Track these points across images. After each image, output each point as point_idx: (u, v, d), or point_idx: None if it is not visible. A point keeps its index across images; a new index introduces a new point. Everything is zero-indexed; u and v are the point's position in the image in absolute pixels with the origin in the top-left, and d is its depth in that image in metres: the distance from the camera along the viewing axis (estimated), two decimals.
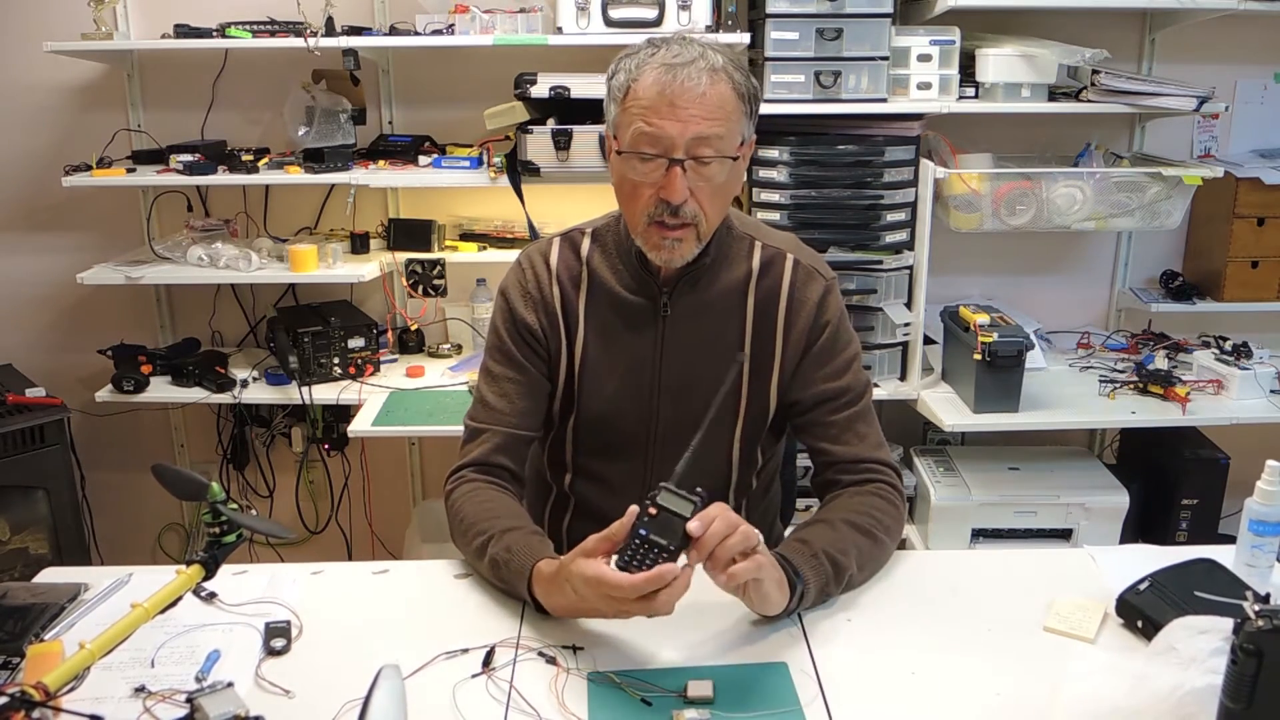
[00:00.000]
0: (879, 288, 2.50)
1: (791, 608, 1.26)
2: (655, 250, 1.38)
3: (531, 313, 1.48)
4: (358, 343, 2.60)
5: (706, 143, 1.31)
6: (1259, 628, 0.93)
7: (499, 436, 1.48)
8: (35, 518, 2.56)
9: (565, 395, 1.51)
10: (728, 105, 1.32)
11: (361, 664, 1.14)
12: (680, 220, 1.34)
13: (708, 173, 1.33)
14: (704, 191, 1.34)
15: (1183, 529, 2.62)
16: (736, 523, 1.17)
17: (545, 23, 2.45)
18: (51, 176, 2.57)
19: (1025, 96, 2.44)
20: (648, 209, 1.35)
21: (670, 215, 1.34)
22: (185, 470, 1.16)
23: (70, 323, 2.95)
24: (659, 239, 1.36)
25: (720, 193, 1.37)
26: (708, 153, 1.32)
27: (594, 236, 1.51)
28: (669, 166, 1.31)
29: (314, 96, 2.59)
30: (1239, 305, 2.70)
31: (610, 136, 1.40)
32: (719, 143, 1.32)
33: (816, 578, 1.28)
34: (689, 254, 1.39)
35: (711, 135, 1.31)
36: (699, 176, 1.33)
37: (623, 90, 1.34)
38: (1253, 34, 2.71)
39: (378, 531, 3.06)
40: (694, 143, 1.31)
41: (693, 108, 1.29)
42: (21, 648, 1.21)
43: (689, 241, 1.37)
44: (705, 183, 1.34)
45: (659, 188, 1.33)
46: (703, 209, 1.35)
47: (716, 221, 1.40)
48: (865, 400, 1.49)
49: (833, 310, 1.48)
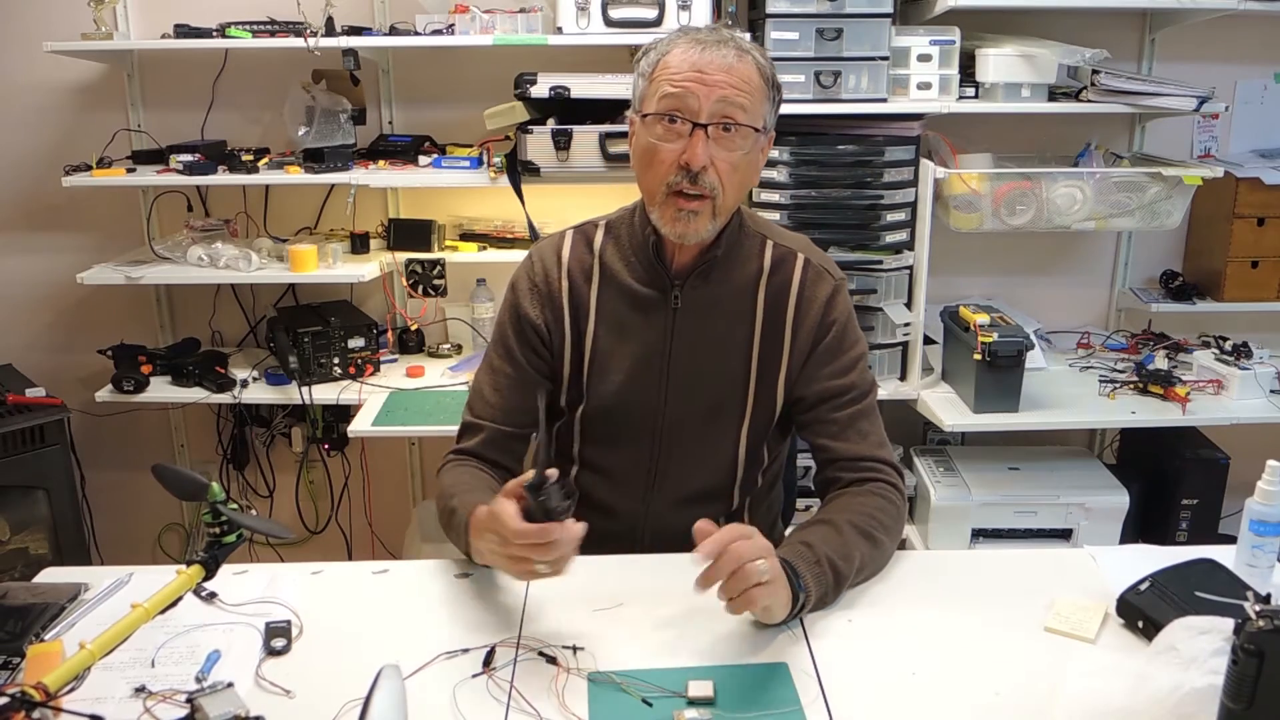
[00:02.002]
0: (879, 288, 2.50)
1: (791, 616, 1.26)
2: (672, 223, 1.38)
3: (536, 307, 1.50)
4: (358, 343, 2.60)
5: (731, 111, 1.33)
6: (1260, 628, 0.93)
7: (489, 433, 1.51)
8: (35, 518, 2.56)
9: (574, 386, 1.52)
10: (753, 83, 1.35)
11: (361, 664, 1.14)
12: (699, 190, 1.35)
13: (729, 143, 1.35)
14: (724, 165, 1.35)
15: (1183, 529, 2.62)
16: (754, 552, 1.16)
17: (545, 23, 2.45)
18: (51, 176, 2.57)
19: (1025, 96, 2.44)
20: (667, 178, 1.36)
21: (689, 183, 1.35)
22: (185, 470, 1.16)
23: (70, 323, 2.95)
24: (676, 210, 1.37)
25: (738, 172, 1.38)
26: (735, 116, 1.33)
27: (608, 228, 1.52)
28: (692, 131, 1.33)
29: (314, 96, 2.59)
30: (1239, 305, 2.70)
31: (634, 114, 1.42)
32: (742, 114, 1.34)
33: (818, 587, 1.28)
34: (704, 230, 1.39)
35: (737, 104, 1.33)
36: (720, 147, 1.34)
37: (652, 65, 1.38)
38: (1253, 34, 2.71)
39: (378, 531, 3.06)
40: (719, 108, 1.33)
41: (720, 75, 1.33)
42: (21, 648, 1.21)
43: (705, 215, 1.37)
44: (726, 154, 1.35)
45: (680, 154, 1.34)
46: (721, 183, 1.36)
47: (733, 203, 1.41)
48: (869, 399, 1.50)
49: (840, 310, 1.48)
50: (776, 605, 1.21)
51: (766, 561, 1.17)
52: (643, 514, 1.53)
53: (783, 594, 1.21)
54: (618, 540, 1.51)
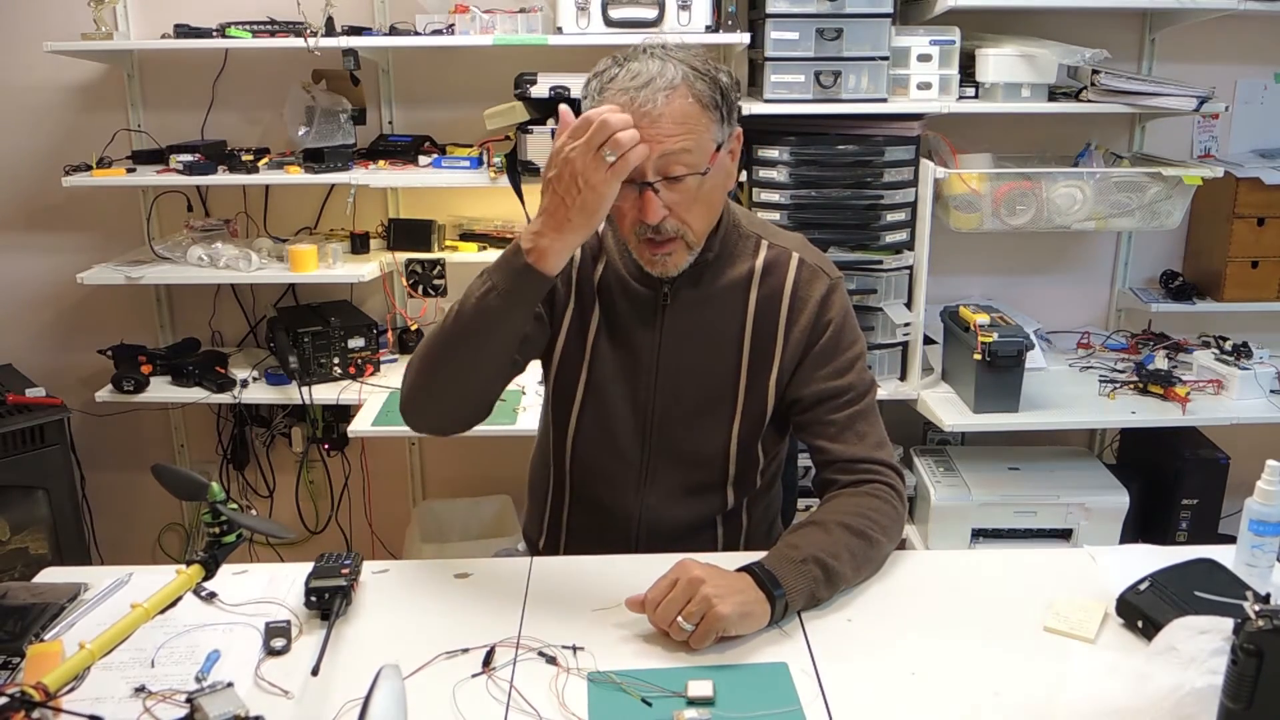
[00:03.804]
0: (879, 288, 2.50)
1: (777, 619, 1.27)
2: (650, 266, 1.41)
3: None
4: (358, 343, 2.61)
5: (673, 161, 1.32)
6: (1259, 628, 0.93)
7: None
8: (35, 518, 2.56)
9: (572, 366, 1.51)
10: (690, 119, 1.32)
11: (361, 664, 1.14)
12: (665, 236, 1.37)
13: (682, 189, 1.35)
14: (681, 206, 1.36)
15: (1183, 529, 2.62)
16: (671, 612, 1.21)
17: (545, 23, 2.45)
18: (51, 176, 2.57)
19: (1025, 96, 2.44)
20: (633, 229, 1.38)
21: (654, 233, 1.36)
22: (185, 470, 1.16)
23: (70, 323, 2.95)
24: (650, 256, 1.40)
25: (701, 201, 1.38)
26: (677, 170, 1.33)
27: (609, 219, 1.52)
28: (641, 191, 1.33)
29: (314, 96, 2.59)
30: (1239, 305, 2.70)
31: None
32: (686, 157, 1.33)
33: (802, 584, 1.28)
34: (682, 264, 1.41)
35: (676, 151, 1.31)
36: (673, 193, 1.34)
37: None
38: (1253, 34, 2.71)
39: (378, 531, 3.05)
40: (661, 164, 1.32)
41: (654, 127, 1.29)
42: (21, 648, 1.21)
43: (679, 253, 1.40)
44: (680, 197, 1.35)
45: (637, 209, 1.35)
46: (685, 222, 1.37)
47: (705, 228, 1.41)
48: (867, 400, 1.49)
49: (836, 309, 1.48)
50: (739, 621, 1.23)
51: (695, 607, 1.20)
52: (637, 511, 1.53)
53: (755, 611, 1.24)
54: (613, 538, 1.52)
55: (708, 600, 1.20)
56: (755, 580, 1.26)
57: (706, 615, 1.20)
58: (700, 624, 1.21)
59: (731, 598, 1.22)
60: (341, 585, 1.29)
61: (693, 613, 1.20)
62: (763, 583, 1.26)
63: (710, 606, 1.20)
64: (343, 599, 1.29)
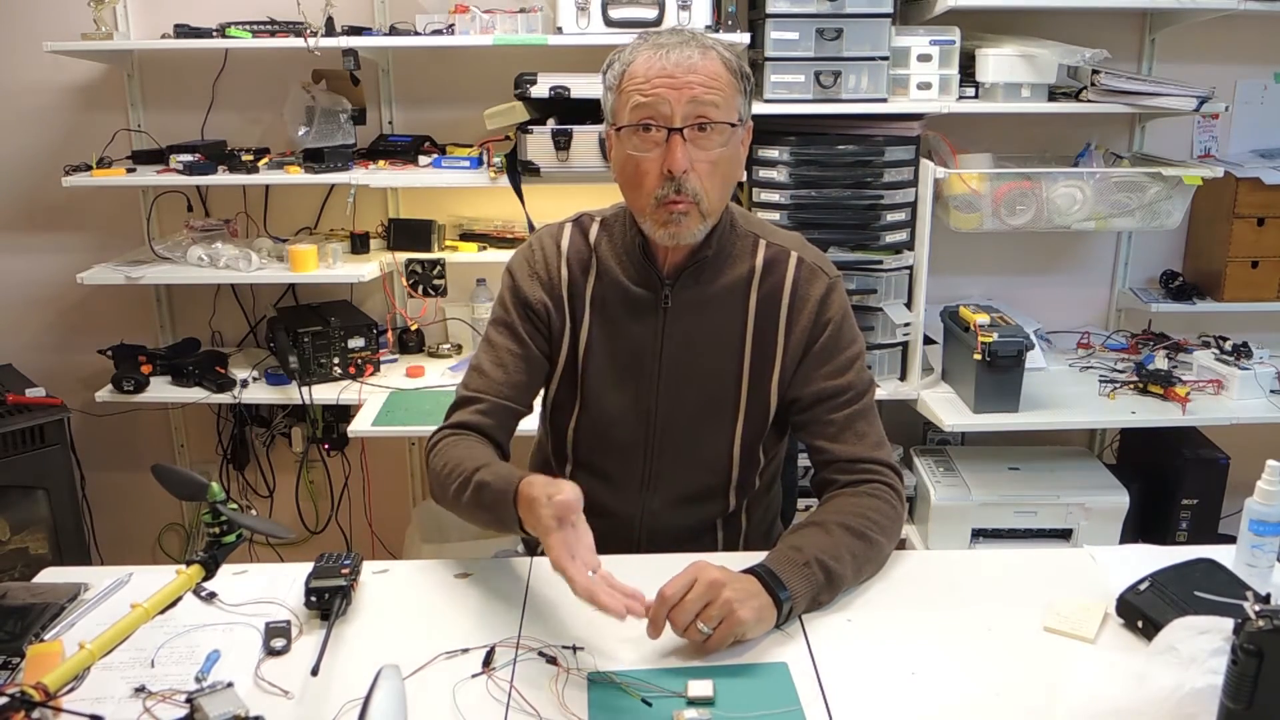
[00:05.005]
0: (879, 288, 2.50)
1: (781, 622, 1.26)
2: (662, 227, 1.38)
3: (537, 290, 1.49)
4: (358, 343, 2.60)
5: (704, 110, 1.33)
6: (1259, 628, 0.93)
7: (489, 404, 1.49)
8: (35, 518, 2.56)
9: (568, 382, 1.52)
10: (721, 79, 1.35)
11: (361, 664, 1.14)
12: (684, 196, 1.36)
13: (707, 142, 1.35)
14: (703, 167, 1.35)
15: (1183, 529, 2.62)
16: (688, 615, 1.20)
17: (545, 23, 2.45)
18: (51, 176, 2.57)
19: (1025, 96, 2.44)
20: (655, 192, 1.36)
21: (674, 192, 1.35)
22: (185, 470, 1.16)
23: (70, 323, 2.95)
24: (666, 216, 1.37)
25: (719, 171, 1.38)
26: (708, 114, 1.34)
27: (603, 224, 1.52)
28: (669, 136, 1.33)
29: (314, 96, 2.59)
30: (1239, 305, 2.70)
31: (609, 128, 1.42)
32: (716, 111, 1.34)
33: (807, 587, 1.28)
34: (694, 231, 1.39)
35: (709, 102, 1.33)
36: (698, 148, 1.35)
37: (618, 77, 1.38)
38: (1253, 34, 2.71)
39: (378, 531, 3.05)
40: (692, 109, 1.33)
41: (688, 76, 1.32)
42: (21, 648, 1.21)
43: (693, 217, 1.38)
44: (704, 154, 1.35)
45: (661, 162, 1.34)
46: (703, 186, 1.36)
47: (718, 203, 1.41)
48: (866, 400, 1.49)
49: (835, 308, 1.48)
50: (755, 625, 1.22)
51: (716, 610, 1.20)
52: (639, 515, 1.53)
53: (766, 616, 1.24)
54: (615, 541, 1.51)
55: (729, 604, 1.20)
56: (761, 583, 1.26)
57: (727, 619, 1.19)
58: (720, 627, 1.20)
59: (749, 602, 1.22)
60: (341, 585, 1.29)
61: (713, 616, 1.19)
62: (769, 586, 1.26)
63: (732, 610, 1.20)
64: (343, 599, 1.29)
